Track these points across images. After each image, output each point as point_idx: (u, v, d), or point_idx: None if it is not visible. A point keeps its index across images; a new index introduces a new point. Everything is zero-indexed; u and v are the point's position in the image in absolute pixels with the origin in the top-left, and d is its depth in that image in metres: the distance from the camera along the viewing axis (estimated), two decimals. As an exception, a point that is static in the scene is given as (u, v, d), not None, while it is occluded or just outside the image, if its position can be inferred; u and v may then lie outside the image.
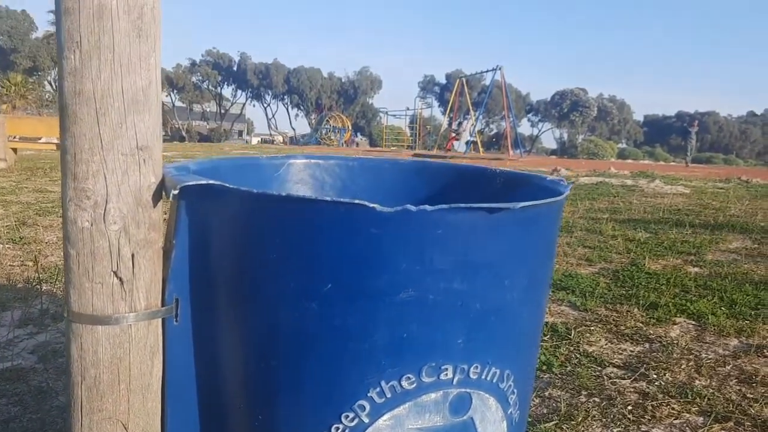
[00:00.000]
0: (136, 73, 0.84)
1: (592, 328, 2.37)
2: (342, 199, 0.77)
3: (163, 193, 0.89)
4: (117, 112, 0.83)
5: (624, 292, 2.87)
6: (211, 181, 0.83)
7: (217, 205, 0.86)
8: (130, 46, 0.83)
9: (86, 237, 0.85)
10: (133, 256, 0.87)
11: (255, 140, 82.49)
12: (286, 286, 0.82)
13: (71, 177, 0.84)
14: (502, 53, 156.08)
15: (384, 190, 1.42)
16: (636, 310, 2.60)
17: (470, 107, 30.21)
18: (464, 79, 27.55)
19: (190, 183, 0.81)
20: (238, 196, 0.83)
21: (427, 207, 0.77)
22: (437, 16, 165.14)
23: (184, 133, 64.27)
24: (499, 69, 23.76)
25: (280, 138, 73.87)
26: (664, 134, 79.90)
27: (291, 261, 0.82)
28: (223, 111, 69.69)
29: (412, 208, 0.77)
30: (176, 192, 0.81)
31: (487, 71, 25.55)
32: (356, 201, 0.76)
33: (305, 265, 0.81)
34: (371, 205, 0.76)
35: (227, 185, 0.82)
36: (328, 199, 0.78)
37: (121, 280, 0.86)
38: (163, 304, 0.91)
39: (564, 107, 64.12)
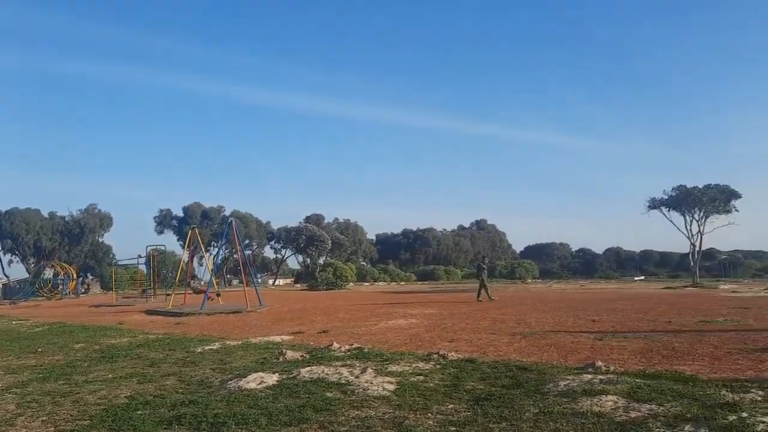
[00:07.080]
0: None
1: None
2: None
3: None
4: None
5: None
6: None
7: None
8: None
9: None
10: None
11: (-45, 291, 69.76)
12: None
13: None
14: (238, 180, 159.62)
15: None
16: None
17: (204, 254, 30.54)
18: (197, 229, 28.44)
19: None
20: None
21: None
22: (170, 149, 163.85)
23: None
24: (231, 221, 25.41)
25: (-11, 287, 63.81)
26: (395, 250, 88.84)
27: None
28: None
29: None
30: None
31: (221, 224, 26.82)
32: None
33: None
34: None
35: None
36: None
37: None
38: None
39: (301, 242, 67.62)
